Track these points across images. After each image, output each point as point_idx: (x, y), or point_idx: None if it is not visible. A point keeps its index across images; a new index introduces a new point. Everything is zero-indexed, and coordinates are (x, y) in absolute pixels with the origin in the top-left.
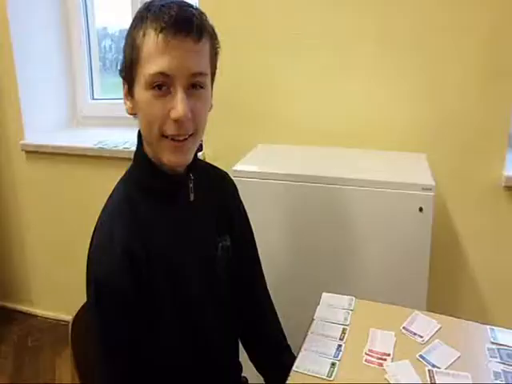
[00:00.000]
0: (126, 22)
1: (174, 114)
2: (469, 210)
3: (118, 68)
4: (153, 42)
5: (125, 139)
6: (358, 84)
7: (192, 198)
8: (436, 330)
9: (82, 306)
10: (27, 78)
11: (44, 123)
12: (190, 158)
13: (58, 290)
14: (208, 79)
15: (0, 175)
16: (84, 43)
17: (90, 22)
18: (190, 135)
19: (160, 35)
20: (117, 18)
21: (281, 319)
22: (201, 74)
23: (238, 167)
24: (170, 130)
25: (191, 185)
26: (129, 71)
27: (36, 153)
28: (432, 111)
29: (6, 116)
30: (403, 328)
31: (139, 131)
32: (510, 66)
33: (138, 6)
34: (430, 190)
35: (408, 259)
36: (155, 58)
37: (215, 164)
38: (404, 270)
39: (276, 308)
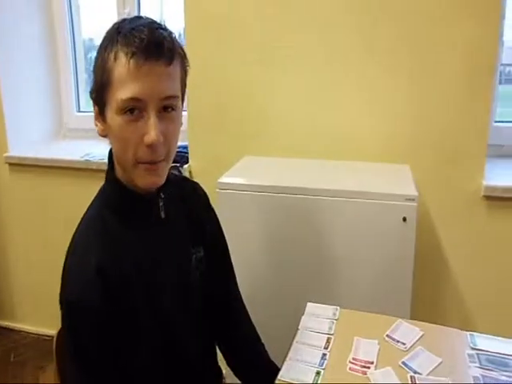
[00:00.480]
0: None
1: (147, 140)
2: (450, 219)
3: (89, 90)
4: (124, 67)
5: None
6: (341, 97)
7: (163, 215)
8: (418, 337)
9: None
10: (11, 90)
11: (28, 135)
12: (164, 178)
13: (41, 304)
14: (179, 101)
15: None
16: (70, 55)
17: (75, 33)
18: (163, 159)
19: (131, 60)
20: (103, 30)
21: (265, 330)
22: (173, 97)
23: (224, 179)
24: (144, 155)
25: (161, 203)
26: (100, 94)
27: (20, 165)
28: (414, 123)
29: None
30: (387, 336)
31: (110, 151)
32: (490, 79)
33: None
34: (414, 200)
35: (392, 268)
36: (127, 83)
37: (203, 176)
38: (388, 279)
39: (260, 319)
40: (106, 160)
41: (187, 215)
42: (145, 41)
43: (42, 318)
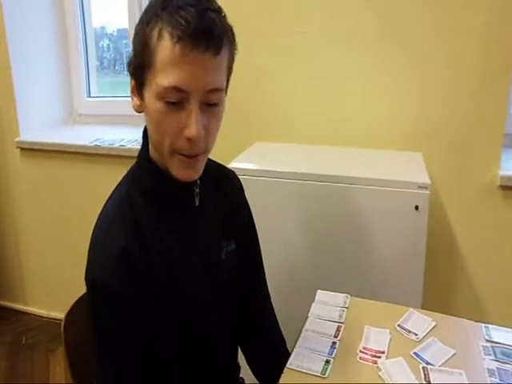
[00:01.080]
0: (123, 22)
1: (187, 134)
2: (464, 208)
3: (127, 61)
4: (168, 52)
5: (121, 137)
6: (355, 83)
7: (197, 203)
8: (431, 327)
9: (74, 304)
10: (23, 75)
11: (39, 121)
12: (200, 172)
13: (52, 288)
14: (224, 94)
15: None
16: (81, 41)
17: (86, 20)
18: (201, 152)
19: (177, 46)
20: (114, 18)
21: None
22: (217, 89)
23: (234, 164)
24: (182, 147)
25: (197, 190)
26: (139, 71)
27: (31, 150)
28: (428, 110)
29: (1, 113)
30: (398, 326)
31: (145, 129)
32: (506, 65)
33: (135, 6)
34: (426, 188)
35: (404, 257)
36: (170, 69)
37: None
38: (400, 268)
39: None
40: (116, 145)
41: (221, 206)
42: (192, 26)
43: (54, 302)
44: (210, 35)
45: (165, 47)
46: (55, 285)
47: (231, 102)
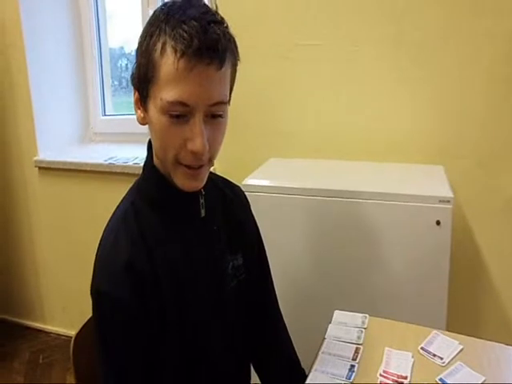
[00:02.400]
0: None
1: (191, 147)
2: (490, 223)
3: (130, 73)
4: (172, 66)
5: (135, 155)
6: (372, 96)
7: (203, 214)
8: (457, 351)
9: (86, 322)
10: (41, 96)
11: (57, 140)
12: (204, 182)
13: (70, 306)
14: (227, 107)
15: (14, 191)
16: (96, 61)
17: (102, 40)
18: (205, 163)
19: (181, 61)
20: (132, 38)
21: (293, 337)
22: (221, 103)
23: (249, 181)
24: (186, 159)
25: (202, 200)
26: (143, 85)
27: (48, 169)
28: (450, 122)
29: (20, 133)
30: (421, 348)
31: (149, 141)
32: None
33: None
34: (449, 202)
35: (426, 275)
36: (173, 84)
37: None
38: (421, 287)
39: (288, 325)
40: (130, 163)
41: (227, 219)
42: (195, 41)
43: (71, 320)
44: (214, 50)
45: (168, 62)
46: (73, 303)
47: (245, 118)
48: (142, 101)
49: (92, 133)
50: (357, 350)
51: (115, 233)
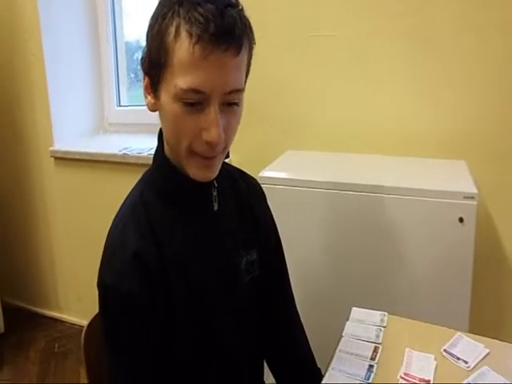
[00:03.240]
0: None
1: (206, 137)
2: None
3: (140, 57)
4: (187, 52)
5: (149, 145)
6: (393, 88)
7: (216, 207)
8: (484, 355)
9: (96, 315)
10: (57, 88)
11: (73, 130)
12: (217, 172)
13: (85, 296)
14: (243, 94)
15: (30, 181)
16: (111, 52)
17: (118, 32)
18: (220, 152)
19: (196, 47)
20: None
21: (310, 333)
22: (238, 90)
23: (265, 173)
24: (200, 149)
25: (215, 193)
26: (155, 70)
27: (64, 159)
28: (471, 116)
29: (37, 124)
30: (444, 351)
31: (160, 130)
32: None
33: None
34: (473, 198)
35: (448, 274)
36: (189, 71)
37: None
38: (443, 286)
39: (305, 322)
40: (144, 154)
41: (241, 213)
42: (212, 26)
43: (86, 310)
44: (231, 35)
45: (183, 47)
46: (88, 293)
47: (261, 110)
48: (153, 86)
49: (107, 123)
50: (375, 350)
51: (123, 224)
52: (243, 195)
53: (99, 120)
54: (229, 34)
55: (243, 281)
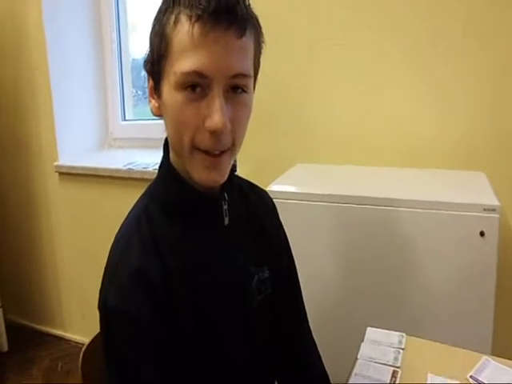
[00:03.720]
0: None
1: (209, 125)
2: None
3: (144, 59)
4: (186, 34)
5: (154, 160)
6: (407, 97)
7: (226, 221)
8: None
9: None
10: (62, 102)
11: (77, 145)
12: (226, 175)
13: (90, 313)
14: (251, 81)
15: (35, 196)
16: (116, 67)
17: (122, 45)
18: (227, 149)
19: (196, 25)
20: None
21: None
22: (244, 75)
23: (274, 187)
24: (204, 142)
25: (225, 206)
26: (156, 65)
27: (68, 174)
28: (491, 126)
29: (41, 139)
30: (471, 377)
31: (166, 140)
32: None
33: None
34: (494, 210)
35: (468, 292)
36: (189, 53)
37: None
38: (464, 305)
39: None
40: (149, 169)
41: (252, 228)
42: (213, 3)
43: (90, 328)
44: (233, 13)
45: (182, 31)
46: (92, 310)
47: (270, 122)
48: (156, 86)
49: (111, 138)
50: (394, 374)
51: (126, 240)
52: (253, 208)
53: (104, 135)
54: (230, 12)
55: (255, 299)
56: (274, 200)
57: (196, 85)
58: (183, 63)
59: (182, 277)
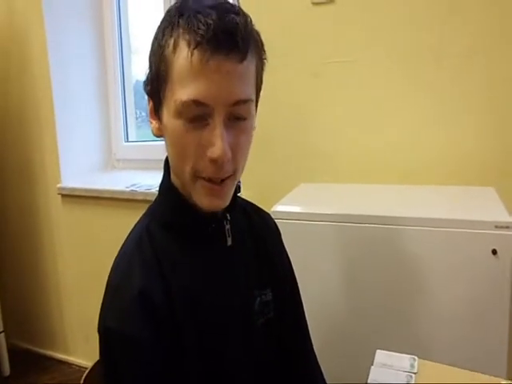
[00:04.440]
0: None
1: (211, 154)
2: None
3: (144, 80)
4: (186, 61)
5: (158, 182)
6: (412, 114)
7: (229, 242)
8: None
9: (94, 364)
10: (65, 123)
11: (80, 167)
12: (229, 200)
13: (93, 336)
14: (253, 106)
15: (38, 219)
16: (119, 88)
17: (125, 66)
18: (229, 176)
19: (195, 53)
20: None
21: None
22: (244, 101)
23: (278, 208)
24: (206, 171)
25: (228, 226)
26: (156, 89)
27: (71, 196)
28: (499, 140)
29: (44, 161)
30: None
31: (166, 158)
32: None
33: None
34: (507, 228)
35: (481, 312)
36: (188, 81)
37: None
38: (475, 327)
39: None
40: (153, 190)
41: (254, 249)
42: (212, 27)
43: (93, 351)
44: (232, 37)
45: (181, 56)
46: (95, 334)
47: (273, 141)
48: (156, 109)
49: (114, 159)
50: None
51: (127, 260)
52: (257, 229)
53: (107, 156)
54: (229, 35)
55: (257, 324)
56: (279, 221)
57: (196, 113)
58: (182, 92)
59: (184, 296)
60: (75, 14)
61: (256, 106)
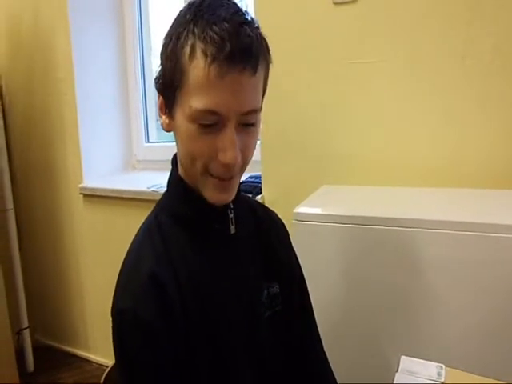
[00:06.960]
0: None
1: (223, 159)
2: None
3: (154, 77)
4: (202, 72)
5: None
6: (438, 114)
7: (233, 230)
8: None
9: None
10: (87, 125)
11: (101, 167)
12: (234, 193)
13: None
14: (260, 113)
15: (60, 218)
16: (140, 89)
17: (146, 68)
18: (236, 173)
19: (212, 67)
20: None
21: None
22: (254, 111)
23: (300, 209)
24: (216, 170)
25: (232, 215)
26: (169, 90)
27: (92, 196)
28: None
29: (67, 161)
30: None
31: (174, 155)
32: None
33: None
34: None
35: (508, 320)
36: (204, 92)
37: (277, 207)
38: (502, 334)
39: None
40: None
41: (261, 242)
42: (227, 45)
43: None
44: (247, 55)
45: (198, 68)
46: None
47: (295, 143)
48: (168, 107)
49: (135, 160)
50: None
51: (138, 248)
52: (263, 225)
53: (128, 157)
54: (245, 53)
55: (264, 315)
56: (301, 223)
57: (209, 121)
58: (199, 101)
59: (192, 287)
60: (98, 19)
61: (260, 108)
